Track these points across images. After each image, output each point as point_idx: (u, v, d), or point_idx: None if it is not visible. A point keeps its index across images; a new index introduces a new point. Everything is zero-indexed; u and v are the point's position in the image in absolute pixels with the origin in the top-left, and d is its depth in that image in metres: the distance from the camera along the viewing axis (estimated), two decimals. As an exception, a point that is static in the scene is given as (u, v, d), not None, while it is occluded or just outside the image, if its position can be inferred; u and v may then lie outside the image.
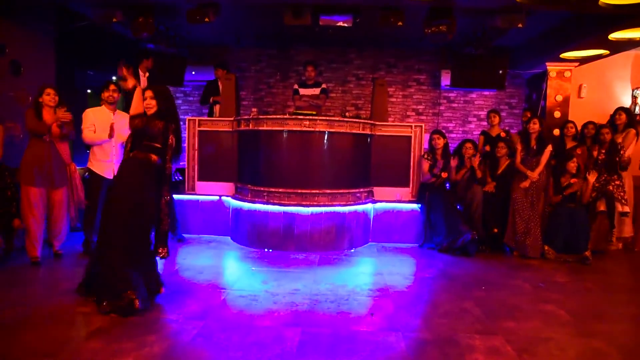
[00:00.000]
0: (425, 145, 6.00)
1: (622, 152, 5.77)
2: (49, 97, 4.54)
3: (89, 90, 8.04)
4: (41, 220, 4.58)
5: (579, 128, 6.08)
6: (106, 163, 4.93)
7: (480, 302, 3.76)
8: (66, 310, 3.33)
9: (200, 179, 6.01)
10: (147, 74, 6.53)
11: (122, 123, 4.96)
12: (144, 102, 3.61)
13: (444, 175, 5.63)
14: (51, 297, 3.59)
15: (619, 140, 5.84)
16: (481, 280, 4.39)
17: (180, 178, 6.96)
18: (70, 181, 4.77)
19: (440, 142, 5.76)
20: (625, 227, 5.90)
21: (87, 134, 4.81)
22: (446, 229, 5.40)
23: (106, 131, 4.84)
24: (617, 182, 5.72)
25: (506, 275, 4.63)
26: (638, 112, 7.65)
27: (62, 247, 4.82)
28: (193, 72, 8.32)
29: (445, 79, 8.12)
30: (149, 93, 3.62)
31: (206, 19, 5.69)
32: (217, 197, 5.97)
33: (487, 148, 6.14)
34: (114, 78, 8.39)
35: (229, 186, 5.94)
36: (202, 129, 6.00)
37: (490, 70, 7.65)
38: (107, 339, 2.87)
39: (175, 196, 5.80)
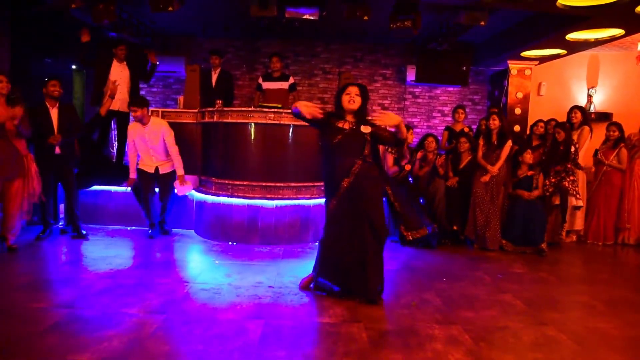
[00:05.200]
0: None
1: (576, 147, 6.00)
2: (2, 84, 4.36)
3: (46, 79, 7.74)
4: None
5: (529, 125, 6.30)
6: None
7: (440, 293, 3.85)
8: (21, 306, 3.22)
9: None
10: (125, 62, 6.25)
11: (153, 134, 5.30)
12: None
13: (407, 167, 5.69)
14: (4, 293, 3.46)
15: (575, 137, 6.07)
16: (442, 272, 4.49)
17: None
18: (26, 173, 4.60)
19: (412, 137, 5.87)
20: (577, 220, 6.15)
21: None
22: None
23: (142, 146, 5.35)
24: (572, 178, 5.94)
25: (466, 267, 4.75)
26: (593, 111, 7.96)
27: (15, 241, 4.64)
28: (157, 63, 8.12)
29: (411, 74, 8.21)
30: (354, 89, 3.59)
31: (170, 8, 5.55)
32: (181, 190, 5.88)
33: (454, 142, 6.24)
34: (73, 67, 8.13)
35: (192, 179, 5.85)
36: (165, 120, 5.86)
37: (454, 66, 7.79)
38: (63, 334, 2.79)
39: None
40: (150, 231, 5.42)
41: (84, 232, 5.25)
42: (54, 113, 4.97)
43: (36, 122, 4.77)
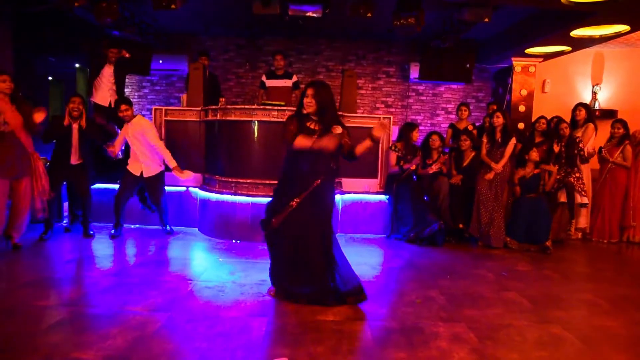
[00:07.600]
0: (394, 137, 6.05)
1: (581, 145, 5.97)
2: (5, 84, 4.36)
3: (50, 78, 7.76)
4: (2, 212, 4.41)
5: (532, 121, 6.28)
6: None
7: (445, 290, 3.84)
8: (25, 303, 3.22)
9: (167, 169, 5.89)
10: (112, 65, 6.28)
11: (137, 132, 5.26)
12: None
13: (412, 167, 5.66)
14: (9, 291, 3.47)
15: (579, 134, 6.04)
16: (446, 270, 4.47)
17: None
18: (33, 171, 4.61)
19: (417, 135, 5.86)
20: (583, 218, 6.12)
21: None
22: (413, 220, 5.47)
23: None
24: (577, 175, 5.91)
25: (471, 265, 4.74)
26: (597, 108, 7.92)
27: (20, 239, 4.65)
28: (160, 61, 8.15)
29: (414, 72, 8.20)
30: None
31: (172, 6, 5.53)
32: (185, 188, 5.89)
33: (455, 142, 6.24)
34: (77, 65, 8.15)
35: (196, 177, 5.85)
36: (168, 118, 5.89)
37: (458, 63, 7.77)
38: (67, 332, 2.80)
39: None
40: (113, 231, 5.32)
41: (92, 232, 5.27)
42: (75, 128, 4.99)
43: (57, 135, 4.95)
